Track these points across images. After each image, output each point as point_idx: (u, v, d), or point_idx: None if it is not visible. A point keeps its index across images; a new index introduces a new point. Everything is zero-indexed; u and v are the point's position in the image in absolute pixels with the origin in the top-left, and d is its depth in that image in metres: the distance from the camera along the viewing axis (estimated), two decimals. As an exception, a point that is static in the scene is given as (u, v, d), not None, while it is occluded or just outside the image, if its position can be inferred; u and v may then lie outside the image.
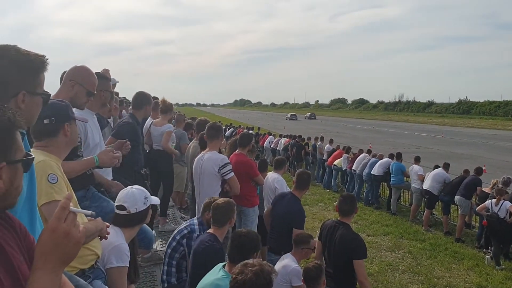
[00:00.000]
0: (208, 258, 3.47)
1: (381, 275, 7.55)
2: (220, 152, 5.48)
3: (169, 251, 4.06)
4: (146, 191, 2.96)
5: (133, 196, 2.84)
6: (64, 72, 3.96)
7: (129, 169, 4.71)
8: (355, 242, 4.35)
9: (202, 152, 5.37)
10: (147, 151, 6.56)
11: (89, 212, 1.82)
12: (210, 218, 4.12)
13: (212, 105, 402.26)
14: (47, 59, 1.79)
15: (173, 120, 8.37)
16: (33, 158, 1.35)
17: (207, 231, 3.83)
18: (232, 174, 5.12)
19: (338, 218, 4.66)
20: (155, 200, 3.01)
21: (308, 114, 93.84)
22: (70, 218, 1.25)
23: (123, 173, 4.45)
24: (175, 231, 4.26)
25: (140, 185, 4.86)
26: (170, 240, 4.20)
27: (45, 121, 2.36)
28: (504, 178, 9.21)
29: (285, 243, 4.88)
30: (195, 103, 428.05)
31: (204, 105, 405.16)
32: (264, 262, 2.45)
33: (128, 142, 3.71)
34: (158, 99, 7.04)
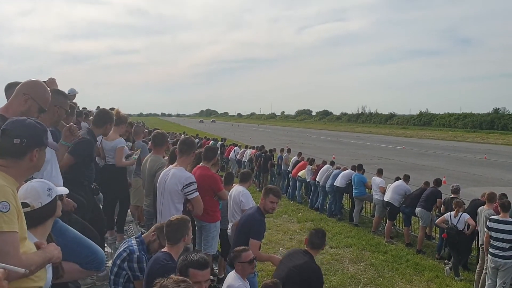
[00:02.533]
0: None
1: (344, 288, 7.55)
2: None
3: (112, 277, 3.88)
4: (49, 182, 2.66)
5: (34, 190, 2.53)
6: (12, 84, 3.78)
7: (79, 184, 4.53)
8: (316, 274, 4.31)
9: (170, 166, 5.20)
10: (101, 166, 6.34)
11: (22, 270, 1.83)
12: (153, 240, 3.97)
13: (178, 115, 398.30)
14: None
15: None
16: None
17: (162, 249, 3.68)
18: (196, 194, 4.93)
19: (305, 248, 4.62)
20: (62, 190, 2.75)
21: (211, 120, 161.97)
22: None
23: (73, 188, 4.26)
24: (115, 255, 4.08)
25: (90, 200, 4.70)
26: (111, 266, 4.01)
27: (15, 141, 2.19)
28: (453, 186, 9.40)
29: None
30: (159, 113, 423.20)
31: (169, 115, 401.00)
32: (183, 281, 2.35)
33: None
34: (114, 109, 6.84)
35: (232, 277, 4.19)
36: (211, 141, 23.37)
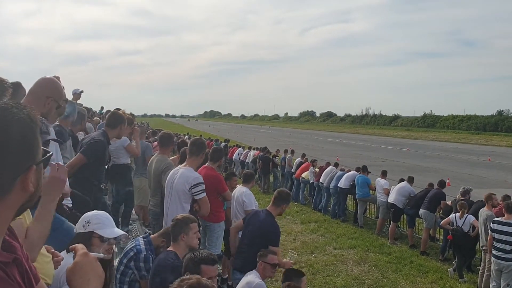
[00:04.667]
0: (169, 277, 3.35)
1: (348, 289, 7.56)
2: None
3: (118, 276, 3.91)
4: (97, 217, 2.79)
5: (82, 217, 2.77)
6: (14, 84, 3.75)
7: (89, 183, 4.56)
8: None
9: (179, 166, 5.26)
10: (106, 167, 6.41)
11: (101, 255, 1.99)
12: (162, 246, 4.01)
13: (181, 116, 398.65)
14: None
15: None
16: (52, 154, 1.32)
17: (168, 248, 3.72)
18: (204, 195, 4.97)
19: None
20: (107, 232, 2.75)
21: (196, 120, 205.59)
22: None
23: (82, 187, 4.31)
24: (122, 254, 4.11)
25: (98, 199, 4.74)
26: (117, 264, 4.04)
27: None
28: (463, 188, 9.40)
29: (254, 262, 4.66)
30: (163, 114, 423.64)
31: (173, 116, 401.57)
32: (204, 278, 2.35)
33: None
34: (120, 110, 6.88)
35: (251, 274, 4.29)
36: (214, 142, 23.41)
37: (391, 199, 10.63)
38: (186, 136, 24.28)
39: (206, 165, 5.86)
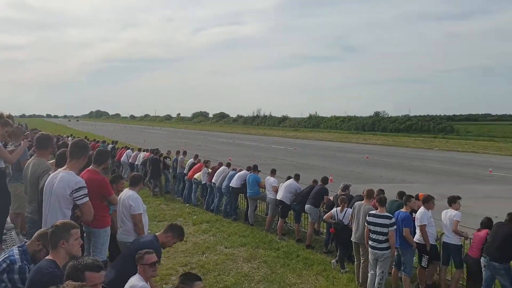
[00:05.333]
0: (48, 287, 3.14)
1: (237, 286, 7.71)
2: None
3: None
4: None
5: None
6: None
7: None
8: None
9: (58, 170, 4.90)
10: None
11: None
12: (39, 250, 3.77)
13: (65, 116, 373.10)
14: None
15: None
16: None
17: (47, 257, 3.48)
18: (86, 199, 4.73)
19: None
20: None
21: (76, 120, 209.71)
22: None
23: None
24: None
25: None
26: None
27: None
28: (343, 184, 10.08)
29: (122, 280, 4.50)
30: (44, 115, 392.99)
31: (56, 116, 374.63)
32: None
33: None
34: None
35: (135, 278, 4.20)
36: (100, 144, 22.33)
37: (279, 196, 11.04)
38: (70, 138, 22.85)
39: (89, 168, 5.58)
